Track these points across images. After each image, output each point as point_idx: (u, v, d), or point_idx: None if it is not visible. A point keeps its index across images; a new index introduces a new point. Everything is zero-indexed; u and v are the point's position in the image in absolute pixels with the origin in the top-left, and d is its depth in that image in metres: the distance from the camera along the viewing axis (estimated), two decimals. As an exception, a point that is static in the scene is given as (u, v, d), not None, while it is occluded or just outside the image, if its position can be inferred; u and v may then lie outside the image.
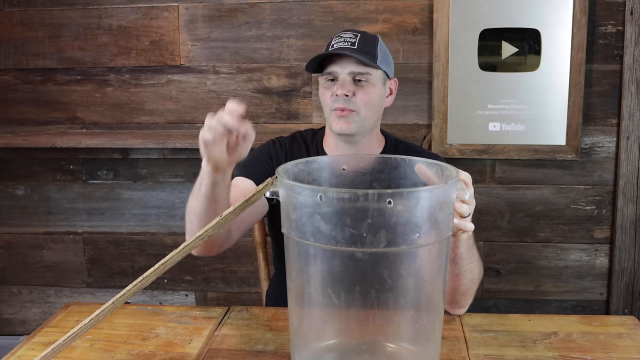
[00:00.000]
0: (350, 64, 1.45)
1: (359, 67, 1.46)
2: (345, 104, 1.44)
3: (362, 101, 1.46)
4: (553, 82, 2.12)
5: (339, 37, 1.49)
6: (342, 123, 1.46)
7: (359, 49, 1.46)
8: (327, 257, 0.93)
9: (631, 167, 2.16)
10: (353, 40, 1.47)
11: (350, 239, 0.88)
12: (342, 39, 1.48)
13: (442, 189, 0.93)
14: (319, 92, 1.53)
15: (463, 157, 2.18)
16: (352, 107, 1.45)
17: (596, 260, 2.26)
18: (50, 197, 2.43)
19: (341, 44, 1.47)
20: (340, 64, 1.46)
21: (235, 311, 1.37)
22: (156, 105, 2.33)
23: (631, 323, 1.29)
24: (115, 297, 1.02)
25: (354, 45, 1.46)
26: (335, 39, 1.49)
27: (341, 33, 1.51)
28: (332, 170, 1.13)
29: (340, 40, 1.48)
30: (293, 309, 1.01)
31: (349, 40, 1.47)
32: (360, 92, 1.46)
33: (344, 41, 1.47)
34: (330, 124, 1.49)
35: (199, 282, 2.42)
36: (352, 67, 1.45)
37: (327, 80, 1.49)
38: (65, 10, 2.30)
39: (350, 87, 1.45)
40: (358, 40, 1.47)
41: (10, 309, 2.54)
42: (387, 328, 0.99)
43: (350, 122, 1.46)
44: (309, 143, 1.60)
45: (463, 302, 1.32)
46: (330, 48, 1.47)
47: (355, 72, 1.46)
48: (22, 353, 1.20)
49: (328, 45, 1.51)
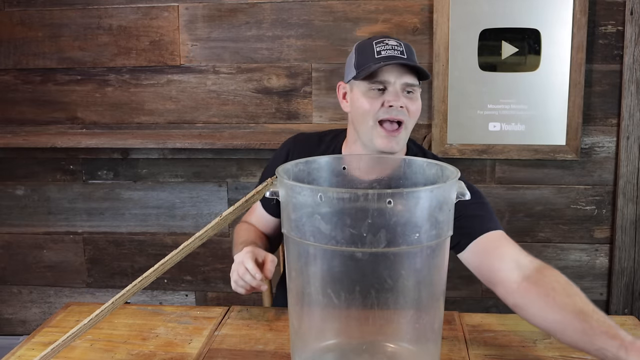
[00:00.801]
0: (405, 75, 1.36)
1: (412, 78, 1.36)
2: (399, 116, 1.35)
3: (413, 113, 1.38)
4: (553, 82, 2.12)
5: (384, 44, 1.38)
6: (392, 142, 1.36)
7: (409, 58, 1.36)
8: (327, 257, 0.93)
9: (631, 167, 2.16)
10: (400, 49, 1.37)
11: (350, 239, 0.88)
12: (389, 47, 1.37)
13: (442, 189, 0.93)
14: (357, 101, 1.39)
15: (463, 157, 2.18)
16: (404, 118, 1.36)
17: (596, 260, 2.27)
18: (50, 197, 2.43)
19: (390, 52, 1.36)
20: (393, 73, 1.35)
21: (235, 311, 1.37)
22: (156, 105, 2.33)
23: (631, 323, 1.29)
24: (115, 297, 1.02)
25: (404, 55, 1.36)
26: (380, 45, 1.38)
27: (383, 39, 1.39)
28: (332, 170, 1.13)
29: (388, 47, 1.37)
30: (293, 309, 1.01)
31: (397, 49, 1.36)
32: (410, 104, 1.37)
33: (392, 49, 1.36)
34: (372, 138, 1.37)
35: (199, 282, 2.42)
36: (407, 78, 1.36)
37: (373, 90, 1.36)
38: (65, 10, 2.30)
39: (403, 98, 1.36)
40: (404, 49, 1.37)
41: (10, 309, 2.54)
42: (387, 328, 0.99)
43: (400, 141, 1.37)
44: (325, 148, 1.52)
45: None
46: (378, 55, 1.35)
47: (409, 84, 1.36)
48: (22, 353, 1.20)
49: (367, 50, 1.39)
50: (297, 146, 1.55)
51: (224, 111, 2.30)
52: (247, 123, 2.30)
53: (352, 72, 1.40)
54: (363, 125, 1.38)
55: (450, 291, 2.14)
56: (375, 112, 1.35)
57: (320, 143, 1.54)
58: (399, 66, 1.34)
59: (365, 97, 1.37)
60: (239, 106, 2.29)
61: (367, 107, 1.36)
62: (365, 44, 1.40)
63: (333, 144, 1.52)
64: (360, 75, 1.35)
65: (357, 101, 1.38)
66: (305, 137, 1.57)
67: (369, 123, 1.36)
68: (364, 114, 1.37)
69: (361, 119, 1.38)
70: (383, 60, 1.33)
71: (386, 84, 1.35)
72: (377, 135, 1.36)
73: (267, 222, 1.57)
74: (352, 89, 1.41)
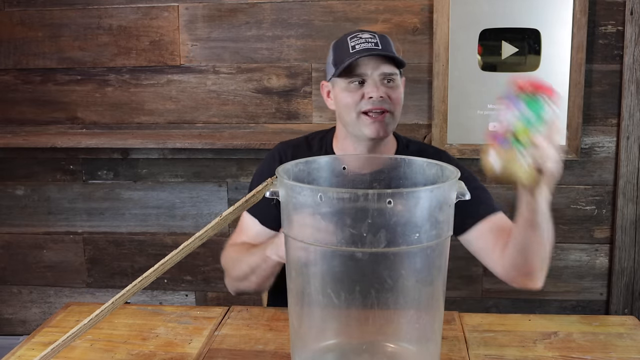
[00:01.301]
0: (381, 65, 1.39)
1: (389, 67, 1.39)
2: (382, 105, 1.38)
3: (395, 101, 1.40)
4: (553, 82, 2.08)
5: (358, 38, 1.41)
6: (379, 127, 1.38)
7: (384, 48, 1.39)
8: (327, 257, 0.93)
9: (631, 167, 2.16)
10: (374, 40, 1.40)
11: (350, 239, 0.88)
12: (362, 40, 1.40)
13: (442, 189, 0.93)
14: (339, 96, 1.42)
15: (463, 157, 2.18)
16: (388, 107, 1.39)
17: (596, 260, 2.26)
18: (50, 197, 2.43)
19: (364, 44, 1.39)
20: (369, 65, 1.38)
21: (235, 311, 1.38)
22: (156, 105, 2.33)
23: (631, 323, 1.29)
24: (115, 297, 1.02)
25: (378, 46, 1.39)
26: (354, 40, 1.41)
27: (357, 33, 1.43)
28: (332, 170, 1.13)
29: (361, 41, 1.39)
30: (293, 309, 1.01)
31: (370, 41, 1.39)
32: (391, 92, 1.39)
33: (366, 41, 1.39)
34: (360, 128, 1.40)
35: (199, 282, 2.42)
36: (384, 68, 1.39)
37: (352, 83, 1.39)
38: (65, 10, 2.30)
39: (382, 88, 1.39)
40: (378, 40, 1.40)
41: (10, 309, 2.54)
42: (387, 328, 0.99)
43: (387, 126, 1.39)
44: (317, 150, 1.53)
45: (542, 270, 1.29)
46: (353, 50, 1.38)
47: (386, 73, 1.39)
48: (22, 353, 1.20)
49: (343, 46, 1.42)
50: (288, 151, 1.54)
51: (224, 111, 2.30)
52: (247, 123, 2.30)
53: (331, 69, 1.43)
54: (348, 118, 1.41)
55: (450, 291, 2.14)
56: (357, 105, 1.39)
57: (310, 146, 1.55)
58: (375, 57, 1.38)
59: (346, 91, 1.40)
60: (239, 106, 2.29)
61: (349, 101, 1.39)
62: (340, 41, 1.44)
63: (323, 145, 1.53)
64: (338, 71, 1.39)
65: (339, 97, 1.42)
66: (293, 144, 1.57)
67: (352, 116, 1.40)
68: (346, 108, 1.40)
69: (346, 114, 1.42)
70: (358, 53, 1.37)
71: (364, 76, 1.39)
72: (363, 124, 1.39)
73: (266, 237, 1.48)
74: (334, 86, 1.45)
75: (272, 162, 1.52)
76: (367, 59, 1.38)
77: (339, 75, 1.41)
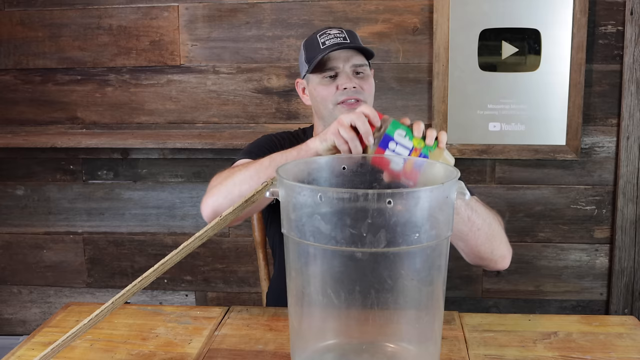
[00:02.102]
0: (352, 57, 1.47)
1: (359, 59, 1.48)
2: (356, 95, 1.46)
3: (367, 90, 1.49)
4: (553, 82, 2.12)
5: (327, 35, 1.49)
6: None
7: (353, 42, 1.48)
8: (327, 257, 0.93)
9: (631, 167, 2.16)
10: (342, 35, 1.49)
11: (350, 239, 0.88)
12: (331, 35, 1.49)
13: (442, 189, 0.93)
14: (314, 91, 1.51)
15: (463, 157, 2.18)
16: (361, 97, 1.47)
17: (596, 260, 2.27)
18: (50, 197, 2.43)
19: (333, 40, 1.47)
20: (340, 59, 1.47)
21: (235, 311, 1.37)
22: (156, 105, 2.33)
23: (631, 323, 1.29)
24: (115, 297, 1.02)
25: (347, 40, 1.48)
26: (323, 37, 1.49)
27: (325, 30, 1.51)
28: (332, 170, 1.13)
29: (330, 37, 1.49)
30: (293, 309, 1.01)
31: (339, 36, 1.48)
32: (363, 83, 1.48)
33: (335, 37, 1.48)
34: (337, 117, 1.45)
35: (199, 282, 2.42)
36: (354, 60, 1.48)
37: (326, 77, 1.48)
38: (65, 10, 2.30)
39: (355, 79, 1.47)
40: (346, 34, 1.49)
41: (10, 309, 2.54)
42: (387, 328, 0.99)
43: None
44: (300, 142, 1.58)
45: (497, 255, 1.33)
46: (323, 45, 1.47)
47: (357, 65, 1.48)
48: (22, 353, 1.20)
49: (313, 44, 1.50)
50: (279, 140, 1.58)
51: (224, 111, 2.30)
52: (247, 123, 2.30)
53: (304, 67, 1.51)
54: (325, 111, 1.49)
55: (450, 291, 2.14)
56: (332, 96, 1.47)
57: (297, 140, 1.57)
58: (346, 50, 1.47)
59: (320, 85, 1.49)
60: (239, 106, 2.29)
61: (325, 94, 1.48)
62: (310, 39, 1.52)
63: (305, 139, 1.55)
64: (312, 67, 1.47)
65: (315, 91, 1.51)
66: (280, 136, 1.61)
67: (329, 107, 1.48)
68: (322, 101, 1.49)
69: (323, 107, 1.50)
70: (328, 48, 1.45)
71: (336, 69, 1.47)
72: (339, 113, 1.45)
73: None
74: (309, 82, 1.53)
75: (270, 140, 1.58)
76: (338, 52, 1.46)
77: (312, 71, 1.49)
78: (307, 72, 1.51)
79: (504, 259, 1.36)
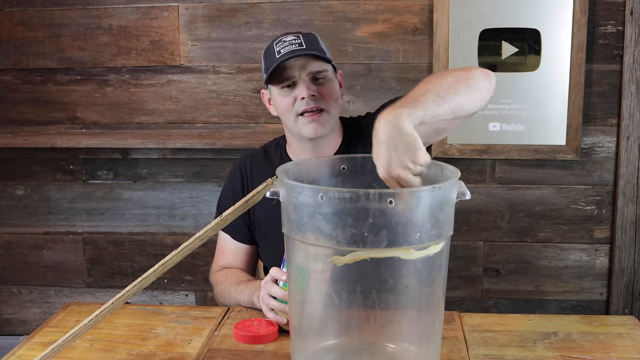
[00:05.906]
0: (308, 64, 1.41)
1: (317, 65, 1.41)
2: (316, 104, 1.40)
3: (329, 98, 1.43)
4: (553, 82, 2.12)
5: (282, 42, 1.43)
6: (317, 126, 1.41)
7: (308, 47, 1.41)
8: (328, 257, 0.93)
9: (631, 167, 2.16)
10: (298, 41, 1.42)
11: (351, 239, 0.88)
12: (286, 43, 1.42)
13: (442, 188, 0.93)
14: (274, 102, 1.47)
15: (463, 157, 2.18)
16: (322, 105, 1.41)
17: (596, 260, 2.27)
18: (50, 197, 2.43)
19: (288, 47, 1.40)
20: (296, 67, 1.40)
21: (235, 311, 1.38)
22: (156, 105, 2.33)
23: (631, 323, 1.29)
24: (115, 297, 1.02)
25: (302, 46, 1.40)
26: (279, 45, 1.43)
27: (281, 37, 1.45)
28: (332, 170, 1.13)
29: (285, 44, 1.42)
30: (293, 309, 1.01)
31: (294, 43, 1.41)
32: (323, 90, 1.42)
33: (290, 44, 1.41)
34: (299, 130, 1.43)
35: (199, 282, 2.42)
36: (310, 67, 1.41)
37: (284, 88, 1.43)
38: (65, 10, 2.30)
39: (313, 87, 1.41)
40: (302, 40, 1.42)
41: (10, 309, 2.54)
42: (387, 328, 0.99)
43: (324, 124, 1.42)
44: (273, 157, 1.57)
45: (485, 95, 1.25)
46: (279, 54, 1.40)
47: (314, 72, 1.41)
48: (22, 353, 1.20)
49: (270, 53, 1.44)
50: (247, 165, 1.58)
51: (224, 111, 2.30)
52: (247, 123, 2.30)
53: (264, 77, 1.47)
54: (288, 122, 1.46)
55: (450, 291, 2.14)
56: (293, 107, 1.42)
57: (267, 155, 1.59)
58: (302, 57, 1.40)
59: (280, 96, 1.44)
60: (239, 106, 2.29)
61: (284, 105, 1.43)
62: (268, 48, 1.47)
63: (278, 151, 1.58)
64: (267, 78, 1.43)
65: (276, 103, 1.47)
66: (250, 155, 1.62)
67: (291, 119, 1.44)
68: (284, 112, 1.45)
69: (285, 118, 1.46)
70: (281, 57, 1.39)
71: (293, 78, 1.41)
72: (301, 125, 1.43)
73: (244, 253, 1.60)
74: (271, 92, 1.49)
75: (234, 177, 1.59)
76: (294, 60, 1.40)
77: (271, 82, 1.44)
78: (265, 83, 1.47)
79: (492, 87, 1.27)
